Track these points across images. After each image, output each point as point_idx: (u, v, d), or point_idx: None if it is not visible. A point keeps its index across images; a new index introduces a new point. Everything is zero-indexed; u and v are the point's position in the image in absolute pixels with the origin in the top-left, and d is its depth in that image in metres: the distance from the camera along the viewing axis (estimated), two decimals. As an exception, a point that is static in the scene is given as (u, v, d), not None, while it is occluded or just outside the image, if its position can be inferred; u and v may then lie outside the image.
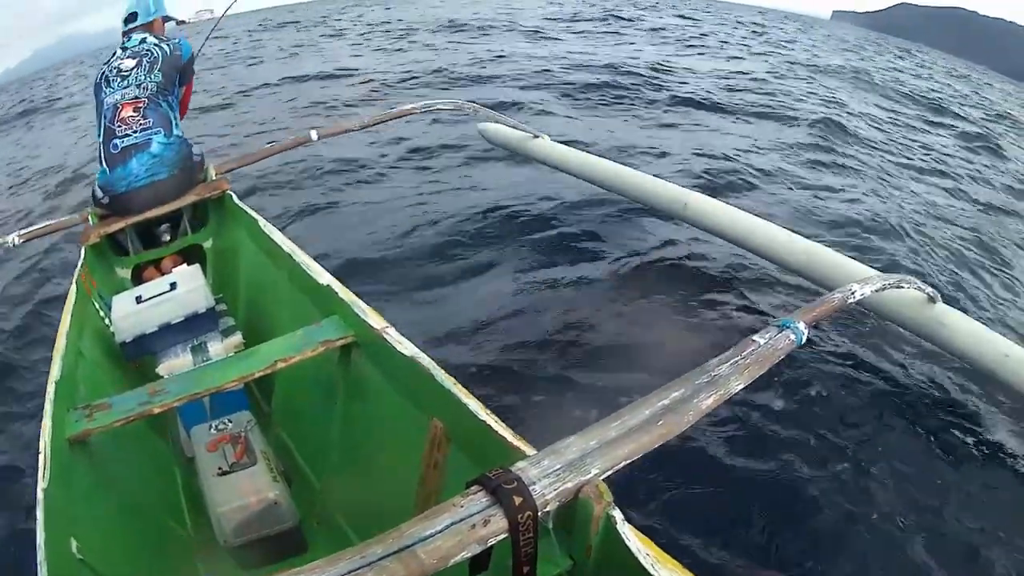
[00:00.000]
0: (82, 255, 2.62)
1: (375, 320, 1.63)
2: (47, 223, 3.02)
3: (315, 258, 2.08)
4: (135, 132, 2.62)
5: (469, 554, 0.84)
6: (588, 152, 3.71)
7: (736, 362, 1.10)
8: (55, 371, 1.73)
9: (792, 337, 1.21)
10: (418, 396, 1.46)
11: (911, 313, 2.36)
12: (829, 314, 1.41)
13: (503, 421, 1.21)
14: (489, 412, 1.24)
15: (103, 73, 2.76)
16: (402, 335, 1.54)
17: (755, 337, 1.16)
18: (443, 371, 1.38)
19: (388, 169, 5.53)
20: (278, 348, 1.71)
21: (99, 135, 2.70)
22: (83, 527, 1.36)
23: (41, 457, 1.39)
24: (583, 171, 3.62)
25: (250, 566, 1.68)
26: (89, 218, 2.82)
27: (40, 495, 1.29)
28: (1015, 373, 2.20)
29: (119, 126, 2.63)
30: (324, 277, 1.92)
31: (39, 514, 1.25)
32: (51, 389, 1.64)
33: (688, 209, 3.06)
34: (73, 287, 2.32)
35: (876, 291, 1.66)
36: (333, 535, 1.73)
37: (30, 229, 2.93)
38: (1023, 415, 2.44)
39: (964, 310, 2.73)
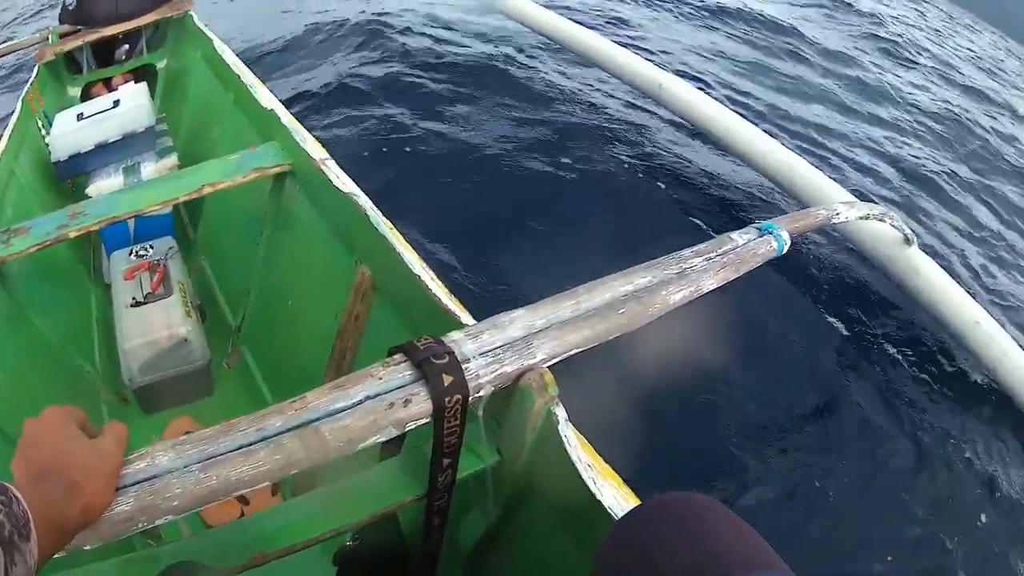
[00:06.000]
0: (35, 73, 2.50)
1: (314, 149, 1.50)
2: (4, 43, 2.89)
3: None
4: None
5: (382, 438, 0.71)
6: (567, 18, 3.62)
7: (711, 257, 0.98)
8: None
9: (773, 244, 1.09)
10: (349, 237, 1.35)
11: (886, 250, 2.30)
12: (810, 229, 1.32)
13: (440, 279, 1.07)
14: (425, 267, 1.10)
15: None
16: (341, 168, 1.41)
17: (733, 235, 1.04)
18: (381, 214, 1.24)
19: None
20: (208, 172, 1.58)
21: None
22: None
23: None
24: (559, 36, 3.55)
25: (153, 408, 1.63)
26: (49, 36, 2.71)
27: None
28: (984, 345, 2.16)
29: None
30: (268, 100, 1.78)
31: None
32: None
33: (663, 90, 3.04)
34: (19, 105, 2.20)
35: (860, 218, 1.60)
36: (241, 379, 1.66)
37: None
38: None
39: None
